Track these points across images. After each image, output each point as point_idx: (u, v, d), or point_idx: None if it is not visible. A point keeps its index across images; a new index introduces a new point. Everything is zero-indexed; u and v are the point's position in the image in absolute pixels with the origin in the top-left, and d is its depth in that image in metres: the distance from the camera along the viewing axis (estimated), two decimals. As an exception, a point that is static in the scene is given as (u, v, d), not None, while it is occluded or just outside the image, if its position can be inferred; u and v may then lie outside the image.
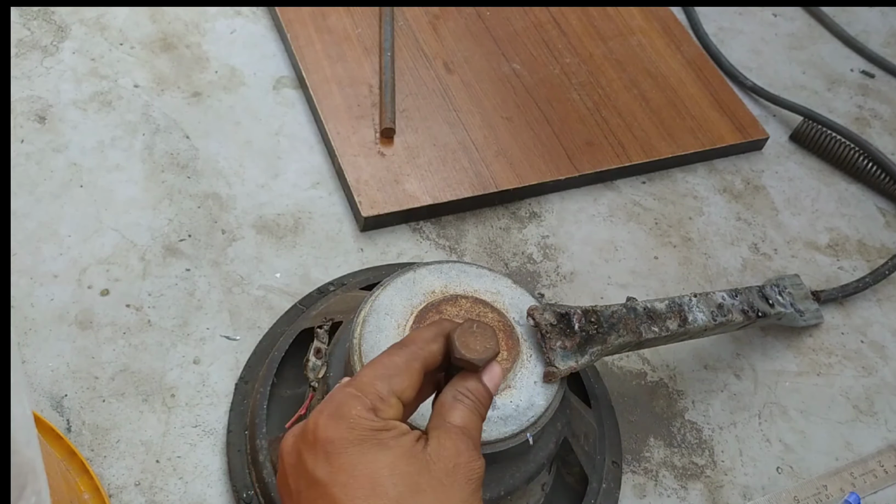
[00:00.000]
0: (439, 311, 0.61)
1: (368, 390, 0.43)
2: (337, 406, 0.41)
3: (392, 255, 0.85)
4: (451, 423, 0.44)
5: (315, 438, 0.41)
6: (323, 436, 0.41)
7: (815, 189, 1.01)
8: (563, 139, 0.94)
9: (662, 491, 0.75)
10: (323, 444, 0.40)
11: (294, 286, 0.81)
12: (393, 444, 0.41)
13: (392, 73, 0.95)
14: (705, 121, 1.00)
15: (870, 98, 1.12)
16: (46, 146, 0.85)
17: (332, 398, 0.42)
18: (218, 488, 0.68)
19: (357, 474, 0.40)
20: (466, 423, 0.45)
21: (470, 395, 0.46)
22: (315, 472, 0.40)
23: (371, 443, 0.41)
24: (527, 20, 1.05)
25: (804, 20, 1.20)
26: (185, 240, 0.82)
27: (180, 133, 0.89)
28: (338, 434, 0.40)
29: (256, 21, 1.01)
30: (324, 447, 0.40)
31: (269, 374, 0.71)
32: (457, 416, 0.45)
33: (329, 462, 0.40)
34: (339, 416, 0.41)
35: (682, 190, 0.97)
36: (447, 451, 0.42)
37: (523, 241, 0.89)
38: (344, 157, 0.88)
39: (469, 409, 0.46)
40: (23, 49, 0.92)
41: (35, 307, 0.75)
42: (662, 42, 1.07)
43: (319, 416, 0.41)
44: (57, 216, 0.81)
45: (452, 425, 0.44)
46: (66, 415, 0.70)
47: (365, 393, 0.42)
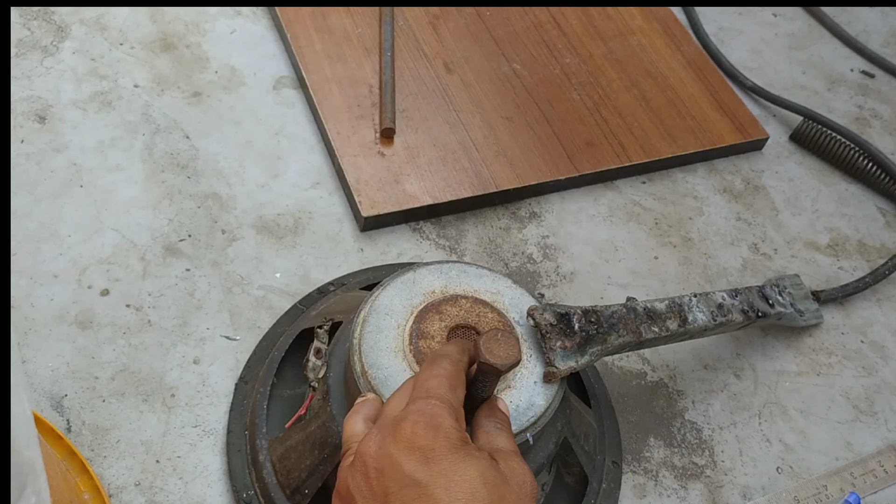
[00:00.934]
0: (439, 311, 0.61)
1: (447, 401, 0.47)
2: (431, 416, 0.45)
3: (392, 255, 0.85)
4: (503, 447, 0.49)
5: (414, 445, 0.44)
6: (423, 443, 0.44)
7: (815, 189, 1.01)
8: (563, 139, 0.94)
9: (662, 491, 0.75)
10: (423, 451, 0.44)
11: (294, 286, 0.81)
12: (479, 456, 0.46)
13: (392, 73, 0.95)
14: (705, 121, 1.00)
15: (870, 98, 1.12)
16: (46, 146, 0.85)
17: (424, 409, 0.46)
18: (218, 488, 0.68)
19: (457, 479, 0.44)
20: (514, 447, 0.50)
21: (504, 424, 0.52)
22: (414, 474, 0.44)
23: (464, 452, 0.45)
24: (527, 20, 1.05)
25: (804, 20, 1.20)
26: (185, 240, 0.82)
27: (180, 133, 0.89)
28: (436, 442, 0.44)
29: (256, 21, 1.01)
30: (423, 453, 0.44)
31: (269, 374, 0.71)
32: (504, 441, 0.50)
33: (428, 466, 0.44)
34: (434, 425, 0.45)
35: (682, 190, 0.97)
36: (516, 470, 0.47)
37: (523, 241, 0.89)
38: (344, 157, 0.88)
39: (509, 436, 0.51)
40: (23, 49, 0.92)
41: (35, 307, 0.75)
42: (662, 42, 1.07)
43: (416, 426, 0.45)
44: (57, 216, 0.81)
45: (510, 450, 0.49)
46: (66, 415, 0.70)
47: (447, 404, 0.47)
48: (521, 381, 0.59)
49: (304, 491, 0.63)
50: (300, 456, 0.64)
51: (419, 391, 0.48)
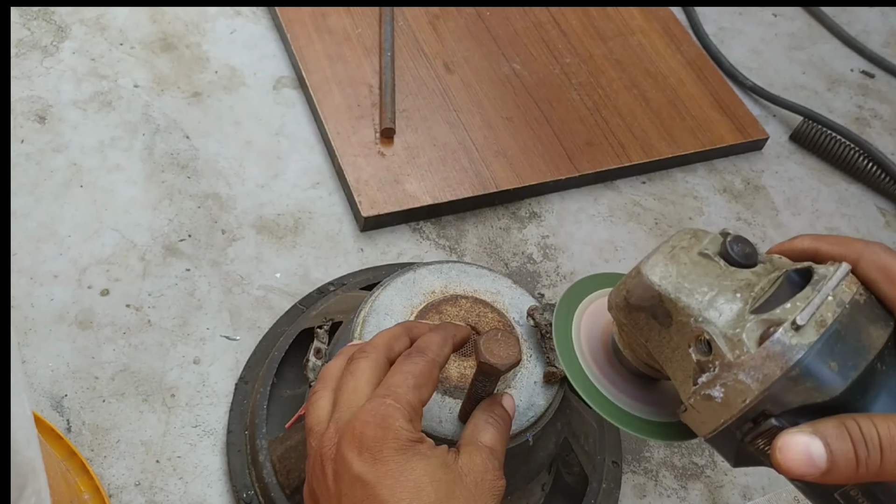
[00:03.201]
0: (439, 311, 0.61)
1: (405, 402, 0.47)
2: (382, 417, 0.46)
3: (392, 254, 0.85)
4: (483, 442, 0.50)
5: (362, 445, 0.45)
6: (371, 443, 0.45)
7: (815, 189, 1.01)
8: (563, 139, 0.94)
9: (662, 491, 0.75)
10: (371, 451, 0.45)
11: (294, 286, 0.81)
12: (430, 455, 0.46)
13: (392, 73, 0.95)
14: (705, 121, 1.00)
15: (870, 98, 1.12)
16: (46, 146, 0.85)
17: (376, 410, 0.46)
18: (218, 488, 0.68)
19: (402, 479, 0.45)
20: (495, 445, 0.50)
21: (500, 419, 0.52)
22: (363, 475, 0.45)
23: (412, 452, 0.46)
24: (527, 20, 1.05)
25: (804, 20, 1.20)
26: (185, 240, 0.82)
27: (180, 133, 0.89)
28: (384, 443, 0.45)
29: (256, 21, 1.01)
30: (371, 454, 0.45)
31: (269, 374, 0.71)
32: (488, 437, 0.50)
33: (375, 467, 0.45)
34: (385, 426, 0.45)
35: (682, 190, 0.97)
36: (477, 466, 0.47)
37: (523, 240, 0.89)
38: (344, 157, 0.88)
39: (499, 432, 0.51)
40: (23, 49, 0.92)
41: (35, 307, 0.75)
42: (662, 42, 1.07)
43: (366, 426, 0.45)
44: (57, 216, 0.81)
45: (483, 445, 0.49)
46: (66, 415, 0.70)
47: (403, 405, 0.47)
48: (522, 381, 0.59)
49: (304, 491, 0.63)
50: (300, 456, 0.64)
51: (381, 388, 0.48)
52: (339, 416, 0.48)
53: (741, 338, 0.40)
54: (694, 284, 0.43)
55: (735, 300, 0.42)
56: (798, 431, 0.39)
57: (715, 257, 0.44)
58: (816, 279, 0.42)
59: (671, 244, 0.46)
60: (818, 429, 0.39)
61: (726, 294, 0.43)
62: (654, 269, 0.44)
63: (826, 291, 0.41)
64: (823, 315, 0.40)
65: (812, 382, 0.39)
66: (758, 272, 0.44)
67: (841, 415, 0.39)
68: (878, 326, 0.42)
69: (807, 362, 0.39)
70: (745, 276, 0.43)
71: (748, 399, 0.40)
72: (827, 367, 0.39)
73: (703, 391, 0.41)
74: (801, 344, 0.39)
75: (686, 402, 0.43)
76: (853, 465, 0.39)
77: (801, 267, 0.44)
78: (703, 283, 0.43)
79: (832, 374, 0.39)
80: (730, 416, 0.41)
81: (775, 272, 0.44)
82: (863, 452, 0.38)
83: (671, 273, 0.44)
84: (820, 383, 0.39)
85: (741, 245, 0.44)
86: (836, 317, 0.40)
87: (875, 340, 0.41)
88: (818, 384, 0.39)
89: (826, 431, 0.39)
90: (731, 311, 0.42)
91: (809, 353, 0.39)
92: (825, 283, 0.41)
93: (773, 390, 0.39)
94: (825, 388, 0.39)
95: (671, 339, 0.44)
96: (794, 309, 0.40)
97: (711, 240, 0.45)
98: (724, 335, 0.41)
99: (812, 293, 0.41)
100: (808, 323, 0.39)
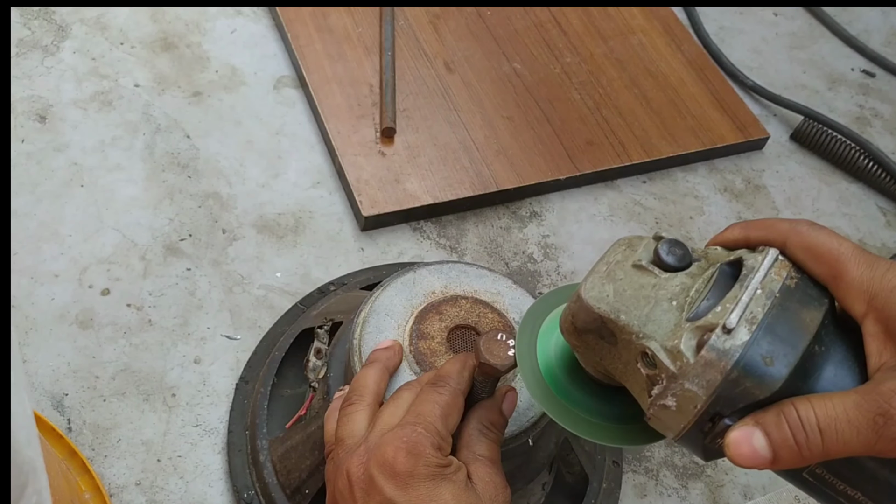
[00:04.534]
0: (439, 311, 0.61)
1: (434, 430, 0.49)
2: (413, 445, 0.48)
3: (393, 254, 0.85)
4: (481, 455, 0.52)
5: (394, 471, 0.48)
6: (402, 470, 0.48)
7: (816, 188, 1.01)
8: (563, 138, 0.94)
9: (663, 490, 0.75)
10: (402, 477, 0.48)
11: (294, 286, 0.81)
12: (454, 479, 0.49)
13: (393, 72, 0.95)
14: (706, 120, 1.00)
15: (870, 97, 1.12)
16: (47, 146, 0.85)
17: (409, 437, 0.49)
18: (218, 488, 0.68)
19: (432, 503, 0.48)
20: (492, 454, 0.52)
21: (492, 427, 0.53)
22: (394, 499, 0.47)
23: (440, 478, 0.48)
24: (527, 19, 1.05)
25: (805, 19, 1.20)
26: (186, 239, 0.82)
27: (181, 133, 0.89)
28: (415, 470, 0.48)
29: (257, 21, 1.01)
30: (403, 479, 0.48)
31: (270, 374, 0.71)
32: (484, 448, 0.52)
33: (407, 492, 0.47)
34: (415, 453, 0.48)
35: (682, 189, 0.97)
36: (486, 483, 0.50)
37: (524, 240, 0.89)
38: (344, 156, 0.88)
39: (493, 440, 0.53)
40: (23, 49, 0.92)
41: (36, 307, 0.75)
42: (663, 41, 1.07)
43: (398, 453, 0.48)
44: (58, 216, 0.81)
45: (483, 457, 0.51)
46: (66, 414, 0.70)
47: (432, 433, 0.49)
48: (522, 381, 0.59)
49: (304, 491, 0.63)
50: (301, 456, 0.64)
51: (410, 415, 0.51)
52: (372, 437, 0.50)
53: (679, 348, 0.41)
54: (630, 301, 0.44)
55: (671, 309, 0.43)
56: (741, 425, 0.40)
57: (649, 266, 0.45)
58: (745, 273, 0.43)
59: (606, 260, 0.46)
60: (759, 420, 0.40)
61: (662, 304, 0.43)
62: (591, 292, 0.45)
63: (754, 286, 0.41)
64: (753, 311, 0.41)
65: (752, 381, 0.40)
66: (692, 273, 0.45)
67: (782, 401, 0.40)
68: (812, 308, 0.42)
69: (743, 363, 0.40)
70: (680, 281, 0.44)
71: (698, 405, 0.41)
72: (763, 363, 0.40)
73: (658, 402, 0.42)
74: (734, 346, 0.40)
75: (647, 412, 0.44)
76: (795, 450, 0.39)
77: (733, 258, 0.45)
78: (640, 298, 0.44)
79: (769, 368, 0.40)
80: (687, 422, 0.42)
81: (710, 269, 0.45)
82: (801, 437, 0.39)
83: (608, 293, 0.44)
84: (760, 380, 0.40)
85: (673, 248, 0.45)
86: (766, 310, 0.41)
87: (809, 324, 0.41)
88: (758, 381, 0.40)
89: (766, 421, 0.40)
90: (668, 322, 0.43)
91: (744, 354, 0.40)
92: (752, 276, 0.42)
93: (718, 394, 0.40)
94: (766, 384, 0.40)
95: (621, 356, 0.45)
96: (724, 311, 0.41)
97: (645, 247, 0.46)
98: (664, 348, 0.42)
99: (740, 291, 0.41)
100: (738, 323, 0.40)
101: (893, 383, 0.38)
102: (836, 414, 0.38)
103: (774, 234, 0.45)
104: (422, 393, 0.52)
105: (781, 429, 0.39)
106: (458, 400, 0.52)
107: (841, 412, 0.38)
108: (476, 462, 0.51)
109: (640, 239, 0.47)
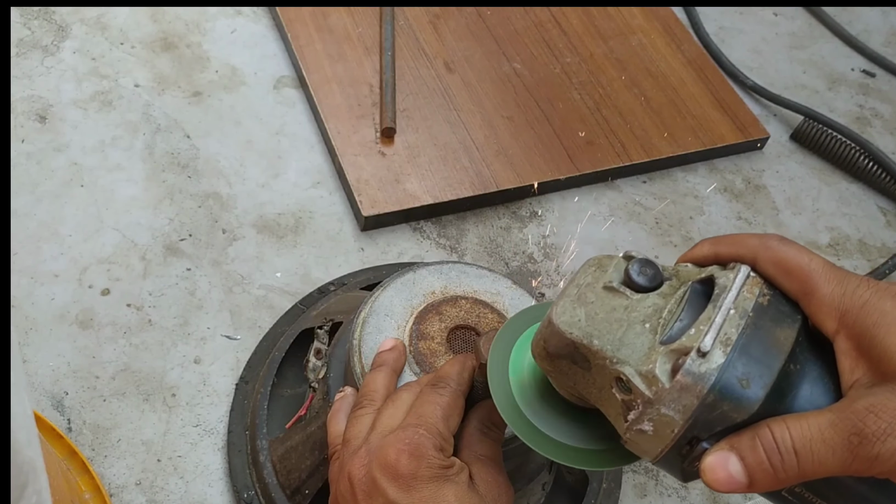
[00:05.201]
0: (439, 311, 0.61)
1: (435, 432, 0.50)
2: (416, 447, 0.48)
3: (393, 254, 0.85)
4: (483, 455, 0.52)
5: (397, 473, 0.48)
6: (405, 472, 0.48)
7: (816, 188, 1.01)
8: (563, 138, 0.94)
9: (663, 490, 0.75)
10: (405, 479, 0.48)
11: (294, 286, 0.81)
12: (457, 480, 0.49)
13: (392, 72, 0.95)
14: (706, 120, 1.00)
15: (870, 97, 1.12)
16: (47, 146, 0.85)
17: (411, 439, 0.49)
18: (218, 487, 0.68)
19: None
20: (494, 454, 0.52)
21: (493, 427, 0.53)
22: (397, 501, 0.47)
23: (442, 479, 0.48)
24: (527, 19, 1.05)
25: (805, 19, 1.20)
26: (186, 239, 0.82)
27: (181, 133, 0.89)
28: (418, 472, 0.48)
29: (257, 21, 1.01)
30: (406, 481, 0.48)
31: (270, 374, 0.71)
32: (485, 448, 0.52)
33: (410, 493, 0.47)
34: (418, 455, 0.48)
35: (682, 189, 0.97)
36: (489, 483, 0.50)
37: (524, 240, 0.89)
38: (344, 156, 0.88)
39: (494, 440, 0.53)
40: (23, 49, 0.92)
41: (36, 306, 0.75)
42: (663, 41, 1.07)
43: (401, 455, 0.48)
44: (58, 216, 0.81)
45: (485, 458, 0.51)
46: (66, 414, 0.70)
47: (434, 435, 0.49)
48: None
49: (304, 491, 0.63)
50: (301, 456, 0.64)
51: (412, 417, 0.51)
52: (373, 438, 0.51)
53: (654, 373, 0.41)
54: (602, 325, 0.43)
55: (644, 332, 0.42)
56: (717, 449, 0.40)
57: (620, 287, 0.44)
58: (717, 292, 0.42)
59: (577, 283, 0.45)
60: (734, 444, 0.40)
61: (635, 328, 0.43)
62: (562, 317, 0.44)
63: (727, 306, 0.41)
64: (727, 332, 0.40)
65: (728, 404, 0.39)
66: (664, 293, 0.44)
67: (757, 424, 0.39)
68: (785, 326, 0.41)
69: (719, 387, 0.39)
70: (652, 302, 0.43)
71: (675, 429, 0.40)
72: (739, 386, 0.39)
73: (635, 427, 0.42)
74: (709, 370, 0.39)
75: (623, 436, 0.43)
76: (770, 473, 0.39)
77: (705, 276, 0.44)
78: (612, 321, 0.43)
79: (746, 391, 0.39)
80: (664, 446, 0.41)
81: (682, 288, 0.44)
82: (776, 459, 0.39)
83: (580, 317, 0.44)
84: (737, 403, 0.39)
85: (643, 268, 0.44)
86: (741, 331, 0.40)
87: (783, 343, 0.41)
88: (735, 404, 0.39)
89: (741, 445, 0.39)
90: (641, 346, 0.42)
91: (720, 378, 0.39)
92: (725, 295, 0.41)
93: (695, 418, 0.40)
94: (743, 407, 0.39)
95: (595, 381, 0.44)
96: (699, 334, 0.40)
97: (615, 267, 0.45)
98: (639, 373, 0.41)
99: (713, 311, 0.41)
100: (713, 346, 0.40)
101: (866, 401, 0.37)
102: (812, 434, 0.38)
103: (744, 249, 0.44)
104: (422, 394, 0.52)
105: (756, 452, 0.39)
106: (458, 401, 0.52)
107: (816, 432, 0.38)
108: (478, 462, 0.51)
109: (610, 259, 0.46)
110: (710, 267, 0.45)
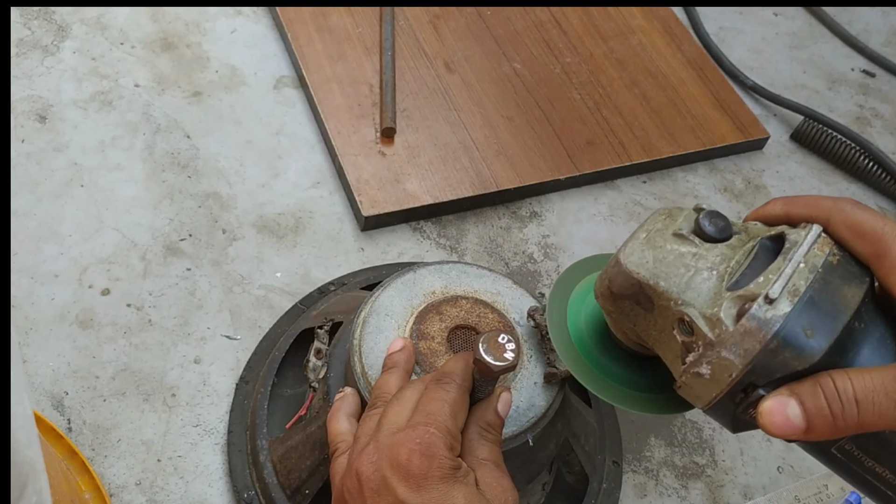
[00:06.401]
0: (439, 311, 0.61)
1: (445, 430, 0.49)
2: (427, 446, 0.48)
3: (393, 254, 0.85)
4: (485, 459, 0.51)
5: (409, 473, 0.47)
6: (417, 471, 0.47)
7: (816, 188, 1.00)
8: (563, 138, 0.94)
9: (663, 490, 0.75)
10: (416, 479, 0.47)
11: (295, 286, 0.81)
12: (465, 481, 0.49)
13: (393, 72, 0.95)
14: (706, 120, 1.00)
15: (870, 97, 1.12)
16: (47, 146, 0.85)
17: (421, 438, 0.48)
18: (219, 488, 0.68)
19: None
20: (495, 457, 0.52)
21: (490, 429, 0.53)
22: (407, 500, 0.47)
23: (453, 480, 0.48)
24: (527, 20, 1.05)
25: (805, 19, 1.20)
26: (186, 239, 0.82)
27: (181, 133, 0.89)
28: (430, 472, 0.47)
29: (257, 21, 1.01)
30: (416, 481, 0.47)
31: (270, 374, 0.71)
32: (486, 451, 0.52)
33: (420, 493, 0.47)
34: (430, 455, 0.48)
35: (682, 189, 0.97)
36: (494, 487, 0.50)
37: (524, 240, 0.89)
38: (344, 156, 0.88)
39: (493, 442, 0.53)
40: (23, 49, 0.92)
41: (36, 306, 0.75)
42: (663, 41, 1.07)
43: (412, 455, 0.48)
44: (58, 216, 0.81)
45: (487, 461, 0.51)
46: (66, 414, 0.70)
47: (444, 433, 0.49)
48: (522, 381, 0.59)
49: (304, 491, 0.63)
50: (301, 456, 0.64)
51: (420, 415, 0.50)
52: (381, 436, 0.50)
53: (719, 316, 0.41)
54: (670, 268, 0.44)
55: (711, 278, 0.43)
56: (776, 394, 0.40)
57: (689, 236, 0.45)
58: (788, 246, 0.43)
59: (646, 228, 0.46)
60: (794, 390, 0.40)
61: (702, 273, 0.43)
62: (630, 257, 0.45)
63: (797, 259, 0.41)
64: (796, 284, 0.41)
65: (791, 352, 0.40)
66: (733, 244, 0.45)
67: (819, 373, 0.40)
68: (853, 285, 0.42)
69: (783, 334, 0.40)
70: (721, 251, 0.44)
71: (734, 374, 0.41)
72: (804, 335, 0.40)
73: (692, 369, 0.42)
74: (775, 317, 0.40)
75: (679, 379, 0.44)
76: (829, 420, 0.39)
77: (775, 233, 0.45)
78: (680, 265, 0.44)
79: (809, 340, 0.40)
80: (720, 391, 0.42)
81: (750, 242, 0.45)
82: (837, 407, 0.39)
83: (648, 259, 0.44)
84: (799, 352, 0.40)
85: (714, 220, 0.45)
86: (809, 283, 0.41)
87: (850, 300, 0.41)
88: (797, 353, 0.40)
89: (801, 391, 0.40)
90: (708, 291, 0.43)
91: (785, 325, 0.40)
92: (796, 250, 0.42)
93: (755, 364, 0.40)
94: (805, 356, 0.40)
95: (656, 323, 0.45)
96: (767, 282, 0.41)
97: (685, 217, 0.46)
98: (703, 315, 0.42)
99: (783, 263, 0.41)
100: (781, 294, 0.40)
101: None
102: (875, 386, 0.39)
103: (818, 211, 0.45)
104: (428, 391, 0.52)
105: (817, 398, 0.39)
106: (464, 397, 0.52)
107: (879, 384, 0.39)
108: (481, 467, 0.51)
109: (680, 210, 0.47)
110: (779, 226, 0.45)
